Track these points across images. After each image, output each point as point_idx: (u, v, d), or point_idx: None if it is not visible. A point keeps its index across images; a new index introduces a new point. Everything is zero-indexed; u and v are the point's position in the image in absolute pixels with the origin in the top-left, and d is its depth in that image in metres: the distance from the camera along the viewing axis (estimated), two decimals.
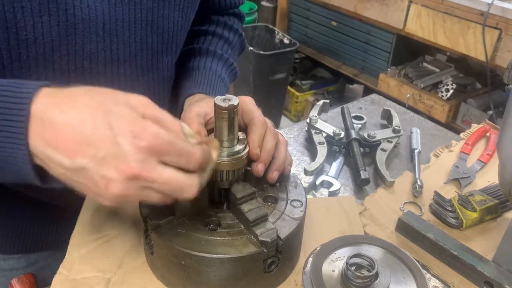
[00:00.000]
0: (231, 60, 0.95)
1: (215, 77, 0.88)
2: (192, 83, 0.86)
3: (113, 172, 0.47)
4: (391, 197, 0.90)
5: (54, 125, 0.48)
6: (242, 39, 1.02)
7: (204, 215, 0.65)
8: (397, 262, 0.70)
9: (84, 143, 0.47)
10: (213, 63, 0.91)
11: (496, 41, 2.13)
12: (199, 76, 0.87)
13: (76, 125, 0.47)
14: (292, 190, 0.71)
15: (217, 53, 0.93)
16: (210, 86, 0.86)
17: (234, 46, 0.98)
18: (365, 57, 3.00)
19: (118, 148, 0.47)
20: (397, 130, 1.07)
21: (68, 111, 0.48)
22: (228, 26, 0.98)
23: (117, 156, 0.47)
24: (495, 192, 0.86)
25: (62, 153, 0.48)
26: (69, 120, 0.48)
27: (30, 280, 0.76)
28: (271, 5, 3.66)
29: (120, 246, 0.72)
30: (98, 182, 0.48)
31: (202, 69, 0.89)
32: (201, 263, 0.60)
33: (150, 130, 0.48)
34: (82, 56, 0.66)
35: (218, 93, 0.85)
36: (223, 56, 0.93)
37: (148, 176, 0.48)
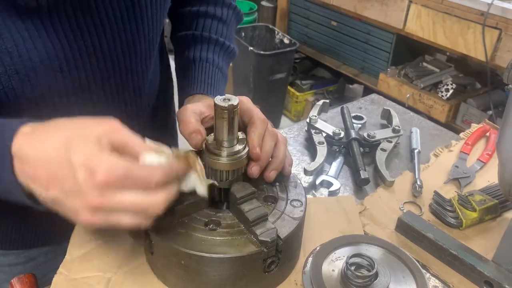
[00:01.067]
0: (227, 43, 0.92)
1: (212, 69, 0.87)
2: (190, 81, 0.86)
3: (77, 204, 0.51)
4: (391, 197, 0.90)
5: (29, 162, 0.52)
6: (237, 12, 0.97)
7: (204, 215, 0.66)
8: (397, 262, 0.70)
9: (52, 178, 0.51)
10: (209, 52, 0.89)
11: (496, 41, 2.13)
12: (197, 72, 0.86)
13: (46, 162, 0.52)
14: (292, 190, 0.71)
15: (212, 39, 0.90)
16: (208, 83, 0.86)
17: (229, 23, 0.95)
18: (365, 57, 3.00)
19: (77, 183, 0.50)
20: (397, 130, 1.07)
21: (39, 148, 0.52)
22: (220, 2, 0.93)
23: (77, 191, 0.50)
24: (494, 192, 0.86)
25: (39, 186, 0.52)
26: (40, 156, 0.52)
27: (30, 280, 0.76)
28: (271, 5, 3.66)
29: (120, 246, 0.72)
30: (69, 211, 0.53)
31: (198, 62, 0.87)
32: (201, 263, 0.60)
33: (104, 164, 0.50)
34: (49, 94, 0.67)
35: (217, 88, 0.86)
36: (219, 40, 0.91)
37: (109, 205, 0.51)
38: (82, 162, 0.50)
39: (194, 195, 0.64)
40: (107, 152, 0.51)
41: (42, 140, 0.53)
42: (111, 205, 0.51)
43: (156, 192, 0.53)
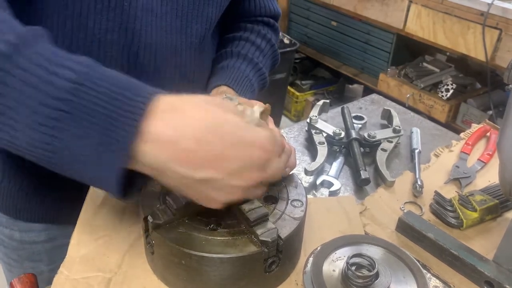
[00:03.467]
0: (260, 65, 0.95)
1: (242, 76, 0.89)
2: (218, 78, 0.88)
3: (241, 181, 0.52)
4: (392, 197, 0.90)
5: (177, 140, 0.48)
6: (274, 49, 1.02)
7: (204, 215, 0.65)
8: (397, 262, 0.70)
9: (215, 157, 0.50)
10: (242, 64, 0.92)
11: (496, 41, 2.13)
12: (226, 73, 0.89)
13: (205, 141, 0.49)
14: (293, 190, 0.71)
15: (248, 57, 0.93)
16: (236, 82, 0.88)
17: (265, 54, 0.99)
18: (365, 57, 3.00)
19: (246, 160, 0.51)
20: (397, 130, 1.07)
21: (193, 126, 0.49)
22: (261, 35, 0.98)
23: (246, 169, 0.51)
24: (495, 192, 0.86)
25: (188, 167, 0.49)
26: (196, 135, 0.49)
27: (30, 280, 0.76)
28: None
29: (120, 246, 0.72)
30: (224, 190, 0.53)
31: (231, 68, 0.90)
32: (202, 263, 0.60)
33: (272, 136, 0.53)
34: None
35: (244, 92, 0.88)
36: (253, 60, 0.94)
37: (267, 178, 0.55)
38: (249, 137, 0.51)
39: None
40: (266, 126, 0.55)
41: (191, 117, 0.50)
42: (269, 177, 0.55)
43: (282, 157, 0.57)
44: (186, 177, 0.50)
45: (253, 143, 0.52)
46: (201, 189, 0.53)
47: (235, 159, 0.51)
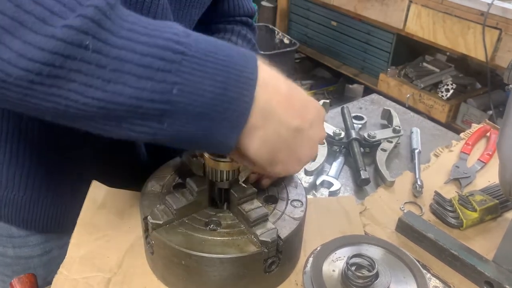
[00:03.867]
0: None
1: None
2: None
3: (316, 134, 0.59)
4: (391, 197, 0.90)
5: (283, 91, 0.54)
6: (255, 49, 1.01)
7: (204, 215, 0.65)
8: (397, 262, 0.70)
9: (304, 109, 0.56)
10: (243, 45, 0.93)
11: (496, 41, 2.13)
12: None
13: (299, 95, 0.56)
14: (292, 190, 0.71)
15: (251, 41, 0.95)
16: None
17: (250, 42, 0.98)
18: (365, 57, 3.00)
19: (315, 114, 0.58)
20: (397, 130, 1.07)
21: (285, 82, 0.55)
22: (241, 35, 0.97)
23: (316, 122, 0.58)
24: (495, 192, 0.86)
25: (290, 115, 0.54)
26: (291, 89, 0.55)
27: (30, 280, 0.76)
28: (271, 5, 3.66)
29: (120, 246, 0.72)
30: (306, 142, 0.57)
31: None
32: (201, 263, 0.60)
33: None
34: None
35: None
36: (254, 44, 0.95)
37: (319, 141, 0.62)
38: (315, 101, 0.59)
39: (194, 194, 0.65)
40: None
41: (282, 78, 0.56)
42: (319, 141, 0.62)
43: None
44: (286, 125, 0.54)
45: (316, 103, 0.59)
46: (293, 142, 0.56)
47: (312, 110, 0.57)
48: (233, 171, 0.65)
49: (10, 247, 0.88)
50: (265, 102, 0.51)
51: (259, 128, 0.52)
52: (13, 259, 0.89)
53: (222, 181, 0.65)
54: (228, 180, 0.65)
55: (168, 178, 0.72)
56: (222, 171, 0.64)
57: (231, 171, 0.65)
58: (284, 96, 0.53)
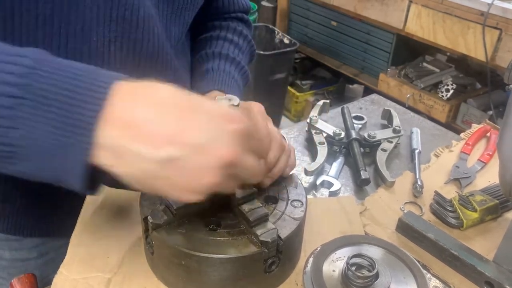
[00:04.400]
0: (242, 63, 0.94)
1: (228, 78, 0.88)
2: (206, 83, 0.86)
3: (210, 159, 0.46)
4: (392, 197, 0.90)
5: (138, 122, 0.45)
6: (251, 45, 1.00)
7: (204, 215, 0.65)
8: (397, 262, 0.70)
9: (181, 133, 0.45)
10: (226, 65, 0.90)
11: (496, 41, 2.13)
12: (213, 77, 0.87)
13: (174, 114, 0.46)
14: (293, 190, 0.71)
15: (229, 57, 0.92)
16: (225, 84, 0.86)
17: (244, 51, 0.97)
18: (365, 57, 3.00)
19: (214, 133, 0.46)
20: (397, 130, 1.07)
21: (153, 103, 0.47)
22: (237, 32, 0.96)
23: (214, 142, 0.46)
24: (495, 192, 0.86)
25: (153, 146, 0.45)
26: (163, 111, 0.46)
27: (30, 280, 0.76)
28: (271, 5, 3.65)
29: (120, 246, 0.71)
30: (191, 172, 0.46)
31: (216, 71, 0.89)
32: (202, 263, 0.60)
33: (239, 114, 0.48)
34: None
35: (232, 92, 0.86)
36: (235, 60, 0.92)
37: (240, 162, 0.48)
38: (216, 112, 0.47)
39: None
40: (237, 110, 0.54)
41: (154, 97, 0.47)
42: (242, 161, 0.48)
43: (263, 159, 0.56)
44: (148, 159, 0.45)
45: (223, 114, 0.47)
46: (166, 175, 0.46)
47: (198, 130, 0.45)
48: None
49: (6, 250, 0.88)
50: (112, 140, 0.45)
51: (116, 166, 0.47)
52: (10, 262, 0.89)
53: None
54: None
55: None
56: None
57: None
58: (141, 126, 0.45)
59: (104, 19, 0.65)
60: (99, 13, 0.64)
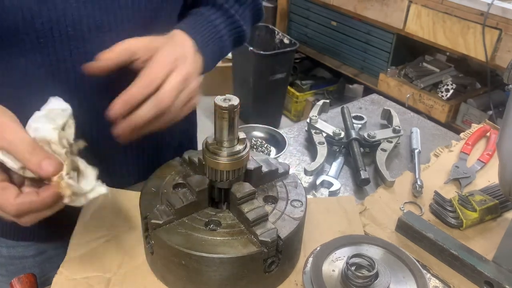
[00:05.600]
0: (236, 16, 0.85)
1: (205, 22, 0.80)
2: (180, 23, 0.79)
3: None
4: (391, 197, 0.90)
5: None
6: (257, 2, 0.91)
7: (204, 215, 0.66)
8: (397, 262, 0.70)
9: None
10: (211, 12, 0.82)
11: (496, 41, 2.13)
12: (189, 18, 0.80)
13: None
14: (292, 190, 0.71)
15: (223, 7, 0.84)
16: (196, 27, 0.78)
17: (245, 3, 0.88)
18: (365, 57, 3.00)
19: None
20: (397, 130, 1.07)
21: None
22: (216, 6, 0.86)
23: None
24: (495, 192, 0.86)
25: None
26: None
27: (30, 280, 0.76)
28: (271, 5, 3.65)
29: (120, 246, 0.72)
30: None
31: (195, 14, 0.82)
32: (201, 263, 0.60)
33: None
34: (64, 22, 0.65)
35: (206, 39, 0.79)
36: (228, 11, 0.84)
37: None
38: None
39: (194, 194, 0.65)
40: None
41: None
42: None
43: None
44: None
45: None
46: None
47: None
48: (233, 171, 0.65)
49: (3, 247, 0.88)
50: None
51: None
52: (7, 259, 0.89)
53: (222, 181, 0.66)
54: (228, 180, 0.66)
55: (168, 178, 0.72)
56: (222, 171, 0.65)
57: (231, 171, 0.65)
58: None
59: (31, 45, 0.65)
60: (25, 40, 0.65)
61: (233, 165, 0.64)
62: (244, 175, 0.68)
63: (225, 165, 0.64)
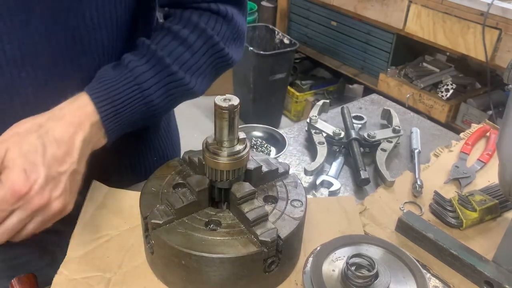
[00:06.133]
0: (174, 68, 0.71)
1: (126, 81, 0.68)
2: (92, 82, 0.68)
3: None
4: (391, 197, 0.90)
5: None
6: (215, 47, 0.74)
7: (204, 215, 0.66)
8: (397, 262, 0.70)
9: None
10: (142, 63, 0.69)
11: (496, 41, 2.13)
12: (109, 73, 0.68)
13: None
14: (292, 190, 0.71)
15: (157, 55, 0.70)
16: (107, 90, 0.67)
17: (196, 53, 0.72)
18: (365, 57, 3.00)
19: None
20: (397, 130, 1.07)
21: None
22: (191, 24, 0.72)
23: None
24: (495, 192, 0.86)
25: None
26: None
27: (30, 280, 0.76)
28: (271, 5, 3.66)
29: (120, 246, 0.72)
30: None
31: (122, 66, 0.69)
32: (201, 263, 0.60)
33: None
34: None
35: (122, 110, 0.68)
36: (163, 61, 0.70)
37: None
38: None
39: (194, 194, 0.65)
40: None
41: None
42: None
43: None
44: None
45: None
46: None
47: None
48: (233, 171, 0.65)
49: None
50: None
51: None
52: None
53: (222, 181, 0.66)
54: (228, 180, 0.66)
55: (168, 178, 0.72)
56: (222, 171, 0.65)
57: (231, 171, 0.65)
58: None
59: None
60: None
61: (233, 165, 0.64)
62: (244, 175, 0.68)
63: (225, 165, 0.64)
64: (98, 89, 0.67)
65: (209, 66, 0.75)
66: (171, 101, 0.74)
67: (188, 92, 0.75)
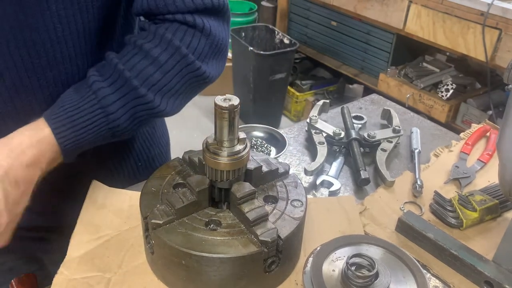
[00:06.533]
0: (142, 91, 0.67)
1: (89, 104, 0.66)
2: (54, 104, 0.67)
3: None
4: (391, 197, 0.90)
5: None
6: (190, 66, 0.70)
7: (204, 215, 0.66)
8: (397, 262, 0.70)
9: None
10: (107, 84, 0.66)
11: (496, 41, 2.13)
12: (71, 96, 0.66)
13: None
14: (292, 190, 0.71)
15: (124, 75, 0.67)
16: (67, 115, 0.65)
17: (168, 72, 0.69)
18: (365, 57, 3.00)
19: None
20: (397, 130, 1.07)
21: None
22: (164, 42, 0.68)
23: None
24: (495, 192, 0.86)
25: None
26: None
27: (30, 280, 0.76)
28: (271, 5, 3.66)
29: (120, 246, 0.72)
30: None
31: (86, 87, 0.67)
32: (202, 263, 0.60)
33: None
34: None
35: (78, 133, 0.66)
36: (130, 82, 0.67)
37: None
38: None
39: (194, 194, 0.65)
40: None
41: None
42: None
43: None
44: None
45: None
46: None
47: None
48: (233, 171, 0.65)
49: None
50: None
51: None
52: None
53: (222, 181, 0.66)
54: (228, 180, 0.66)
55: (168, 178, 0.72)
56: (222, 171, 0.65)
57: (231, 171, 0.65)
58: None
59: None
60: None
61: (233, 165, 0.64)
62: (244, 175, 0.68)
63: (225, 165, 0.64)
64: (59, 116, 0.65)
65: (183, 86, 0.71)
66: (139, 123, 0.71)
67: (158, 114, 0.72)
